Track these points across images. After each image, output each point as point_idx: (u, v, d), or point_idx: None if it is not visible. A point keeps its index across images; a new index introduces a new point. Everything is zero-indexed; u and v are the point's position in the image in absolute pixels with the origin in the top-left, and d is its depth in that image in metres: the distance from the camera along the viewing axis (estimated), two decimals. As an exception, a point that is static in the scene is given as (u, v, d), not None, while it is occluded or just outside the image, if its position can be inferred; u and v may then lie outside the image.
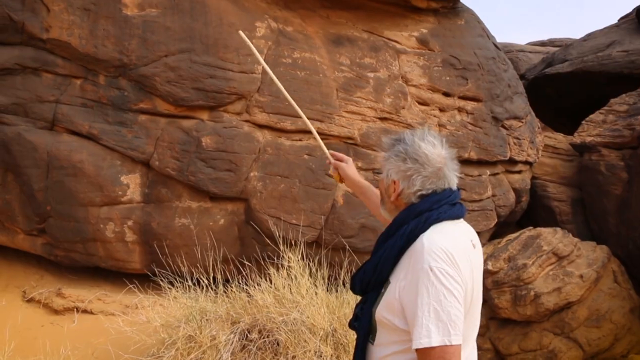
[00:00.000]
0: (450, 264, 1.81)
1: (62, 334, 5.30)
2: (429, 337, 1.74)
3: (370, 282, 1.99)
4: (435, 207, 1.95)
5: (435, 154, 1.99)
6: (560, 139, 10.07)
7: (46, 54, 6.07)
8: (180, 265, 5.62)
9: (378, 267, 1.96)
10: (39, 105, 6.01)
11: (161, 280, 5.13)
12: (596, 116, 9.15)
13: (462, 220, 2.05)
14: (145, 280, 5.69)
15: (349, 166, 2.69)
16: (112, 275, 6.39)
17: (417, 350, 1.77)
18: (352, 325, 2.11)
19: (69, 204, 5.95)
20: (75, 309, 5.75)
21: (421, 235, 1.89)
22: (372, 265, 1.99)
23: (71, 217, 5.97)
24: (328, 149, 2.78)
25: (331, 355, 4.35)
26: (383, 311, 1.92)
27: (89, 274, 6.51)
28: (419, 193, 1.99)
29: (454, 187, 2.05)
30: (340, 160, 2.73)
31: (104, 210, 6.00)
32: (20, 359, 4.47)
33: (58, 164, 5.90)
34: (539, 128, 9.35)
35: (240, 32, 2.95)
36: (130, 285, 5.45)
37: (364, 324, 2.00)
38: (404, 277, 1.86)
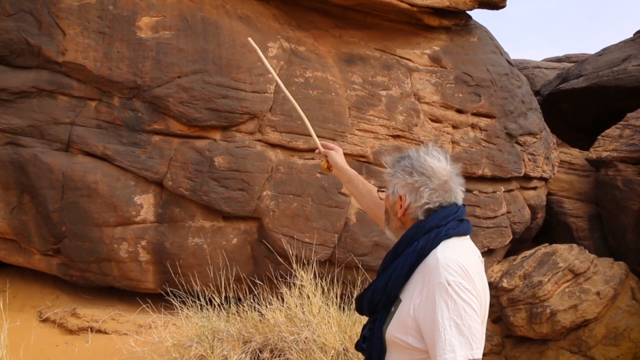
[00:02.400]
0: (465, 278, 1.79)
1: (76, 354, 5.32)
2: (453, 352, 1.71)
3: (380, 301, 1.96)
4: (444, 223, 1.94)
5: (441, 168, 2.00)
6: (576, 155, 9.98)
7: (62, 77, 6.18)
8: (194, 284, 5.64)
9: (389, 286, 1.93)
10: (55, 127, 6.11)
11: (174, 299, 5.15)
12: (612, 131, 9.06)
13: (467, 237, 2.04)
14: (158, 299, 5.72)
15: (337, 154, 2.74)
16: (127, 294, 6.43)
17: None
18: (359, 347, 2.06)
19: (83, 225, 6.02)
20: (89, 329, 5.78)
21: (433, 251, 1.88)
22: (382, 284, 1.96)
23: (86, 237, 6.03)
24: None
25: (343, 375, 4.31)
26: (395, 331, 1.89)
27: (104, 293, 6.55)
28: (426, 207, 1.98)
29: (460, 202, 2.04)
30: (330, 149, 2.77)
31: (118, 231, 6.06)
32: (33, 379, 4.50)
33: (73, 185, 5.98)
34: (554, 144, 9.28)
35: (250, 39, 3.01)
36: (144, 305, 5.48)
37: (375, 345, 1.96)
38: (418, 294, 1.83)
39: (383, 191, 2.16)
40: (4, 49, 6.08)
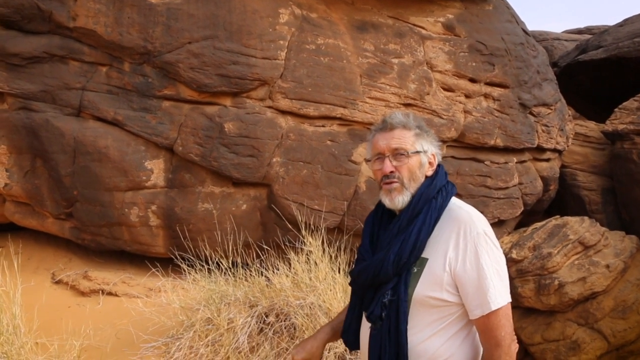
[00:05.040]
0: (492, 230, 1.92)
1: (87, 314, 5.43)
2: (502, 296, 1.86)
3: (408, 261, 1.91)
4: (445, 182, 2.04)
5: None
6: (591, 127, 9.85)
7: (73, 42, 6.19)
8: (203, 249, 5.69)
9: (418, 244, 1.91)
10: (66, 92, 6.14)
11: (183, 263, 5.21)
12: (630, 103, 8.91)
13: None
14: (168, 263, 5.80)
15: (301, 348, 2.28)
16: (137, 258, 6.51)
17: (491, 312, 1.84)
18: (376, 317, 1.94)
19: (94, 189, 6.08)
20: (100, 291, 5.88)
21: (455, 207, 1.97)
22: (410, 243, 1.91)
23: (97, 201, 6.10)
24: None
25: (347, 340, 4.35)
26: (426, 290, 1.89)
27: (115, 257, 6.65)
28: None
29: None
30: None
31: (128, 195, 6.11)
32: (45, 337, 4.59)
33: (84, 150, 6.03)
34: (569, 115, 9.15)
35: None
36: (154, 269, 5.55)
37: (401, 309, 1.90)
38: (453, 248, 1.88)
39: (403, 154, 2.00)
40: (16, 14, 6.08)
